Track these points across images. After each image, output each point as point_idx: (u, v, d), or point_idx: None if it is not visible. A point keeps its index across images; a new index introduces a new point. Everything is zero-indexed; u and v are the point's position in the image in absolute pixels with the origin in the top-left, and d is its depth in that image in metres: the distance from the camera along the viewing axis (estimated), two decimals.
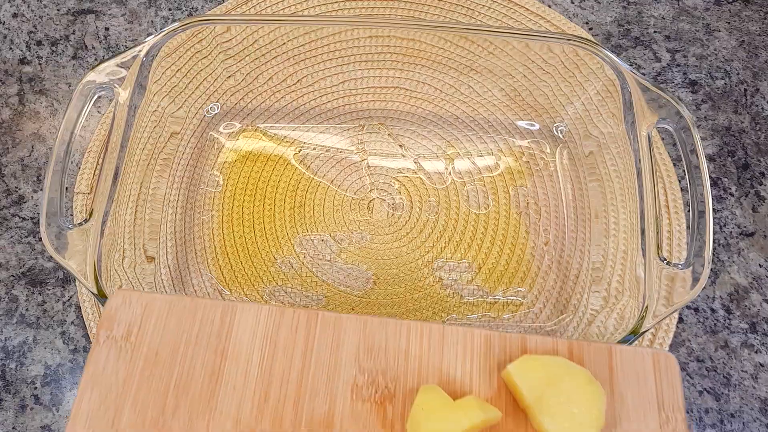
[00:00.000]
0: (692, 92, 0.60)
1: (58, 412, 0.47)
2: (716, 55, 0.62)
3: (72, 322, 0.50)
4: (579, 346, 0.35)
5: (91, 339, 0.49)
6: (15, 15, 0.65)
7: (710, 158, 0.57)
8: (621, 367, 0.34)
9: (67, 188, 0.52)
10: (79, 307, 0.50)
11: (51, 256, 0.50)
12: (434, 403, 0.32)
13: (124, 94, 0.46)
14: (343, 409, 0.33)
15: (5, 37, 0.64)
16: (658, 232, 0.42)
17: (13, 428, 0.46)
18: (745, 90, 0.60)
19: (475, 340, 0.35)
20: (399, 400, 0.34)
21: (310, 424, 0.33)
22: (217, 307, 0.36)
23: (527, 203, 0.54)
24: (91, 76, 0.46)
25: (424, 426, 0.31)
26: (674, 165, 0.54)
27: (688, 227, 0.51)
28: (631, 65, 0.61)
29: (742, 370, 0.48)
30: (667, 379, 0.34)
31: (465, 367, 0.35)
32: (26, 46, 0.63)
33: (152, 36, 0.48)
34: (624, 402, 0.33)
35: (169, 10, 0.65)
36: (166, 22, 0.64)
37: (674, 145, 0.56)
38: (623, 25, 0.64)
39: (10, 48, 0.63)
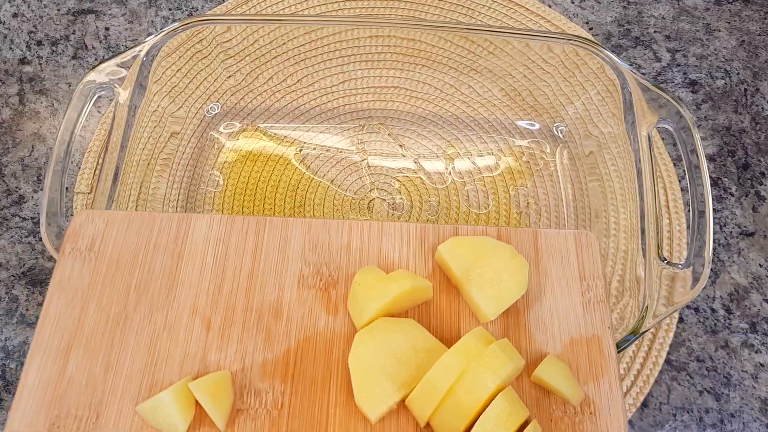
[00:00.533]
0: (692, 92, 0.60)
1: None
2: (716, 54, 0.62)
3: None
4: (507, 231, 0.39)
5: None
6: (15, 15, 0.65)
7: (710, 158, 0.56)
8: (545, 247, 0.38)
9: (67, 188, 0.52)
10: None
11: (51, 256, 0.50)
12: (370, 278, 0.35)
13: (124, 94, 0.46)
14: (291, 296, 0.37)
15: (5, 36, 0.64)
16: (658, 232, 0.42)
17: None
18: (746, 90, 0.60)
19: (411, 231, 0.39)
20: (342, 285, 0.37)
21: (261, 309, 0.36)
22: (173, 218, 0.39)
23: (527, 203, 0.54)
24: (92, 76, 0.46)
25: (361, 298, 0.34)
26: (674, 165, 0.54)
27: (688, 227, 0.51)
28: (631, 65, 0.61)
29: (743, 370, 0.48)
30: (588, 254, 0.38)
31: (402, 255, 0.38)
32: (26, 46, 0.63)
33: (152, 36, 0.48)
34: (549, 275, 0.37)
35: (170, 10, 0.65)
36: (166, 22, 0.64)
37: (674, 144, 0.56)
38: (623, 25, 0.64)
39: (11, 48, 0.63)
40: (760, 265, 0.52)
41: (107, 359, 0.34)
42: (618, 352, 0.39)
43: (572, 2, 0.65)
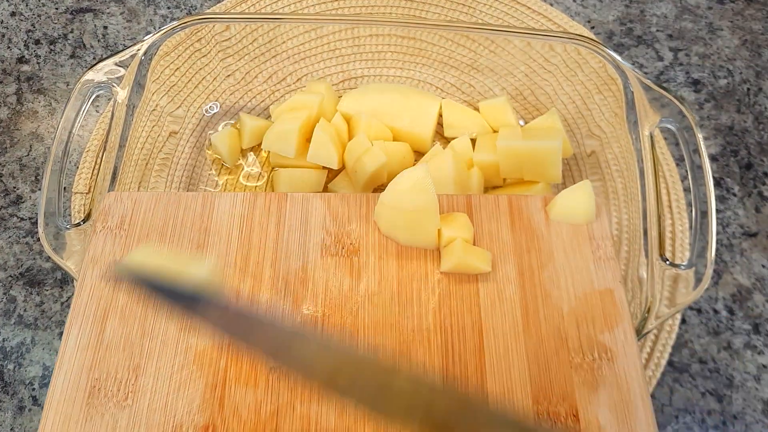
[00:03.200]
0: (695, 91, 0.59)
1: None
2: (719, 54, 0.61)
3: None
4: (517, 199, 0.41)
5: None
6: (13, 14, 0.65)
7: (713, 158, 0.56)
8: (555, 211, 0.40)
9: (65, 188, 0.52)
10: None
11: (49, 257, 0.50)
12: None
13: (122, 93, 0.46)
14: (315, 263, 0.39)
15: (3, 36, 0.63)
16: (660, 233, 0.42)
17: (11, 430, 0.46)
18: (748, 89, 0.59)
19: None
20: (363, 252, 0.39)
21: (287, 277, 0.38)
22: (198, 197, 0.41)
23: None
24: (90, 75, 0.45)
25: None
26: (677, 165, 0.54)
27: (690, 227, 0.51)
28: (634, 64, 0.60)
29: (745, 372, 0.48)
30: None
31: None
32: (24, 45, 0.63)
33: (151, 34, 0.47)
34: (560, 237, 0.40)
35: (168, 8, 0.65)
36: (164, 20, 0.64)
37: (677, 144, 0.55)
38: (625, 24, 0.63)
39: (8, 47, 0.62)
40: (763, 266, 0.51)
41: (142, 326, 0.36)
42: None
43: (574, 1, 0.64)
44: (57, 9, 0.65)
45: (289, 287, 0.38)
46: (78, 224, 0.41)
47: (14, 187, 0.55)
